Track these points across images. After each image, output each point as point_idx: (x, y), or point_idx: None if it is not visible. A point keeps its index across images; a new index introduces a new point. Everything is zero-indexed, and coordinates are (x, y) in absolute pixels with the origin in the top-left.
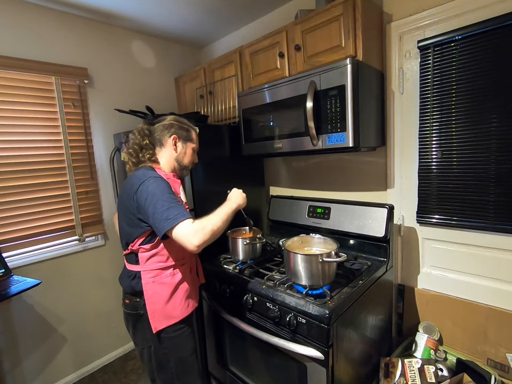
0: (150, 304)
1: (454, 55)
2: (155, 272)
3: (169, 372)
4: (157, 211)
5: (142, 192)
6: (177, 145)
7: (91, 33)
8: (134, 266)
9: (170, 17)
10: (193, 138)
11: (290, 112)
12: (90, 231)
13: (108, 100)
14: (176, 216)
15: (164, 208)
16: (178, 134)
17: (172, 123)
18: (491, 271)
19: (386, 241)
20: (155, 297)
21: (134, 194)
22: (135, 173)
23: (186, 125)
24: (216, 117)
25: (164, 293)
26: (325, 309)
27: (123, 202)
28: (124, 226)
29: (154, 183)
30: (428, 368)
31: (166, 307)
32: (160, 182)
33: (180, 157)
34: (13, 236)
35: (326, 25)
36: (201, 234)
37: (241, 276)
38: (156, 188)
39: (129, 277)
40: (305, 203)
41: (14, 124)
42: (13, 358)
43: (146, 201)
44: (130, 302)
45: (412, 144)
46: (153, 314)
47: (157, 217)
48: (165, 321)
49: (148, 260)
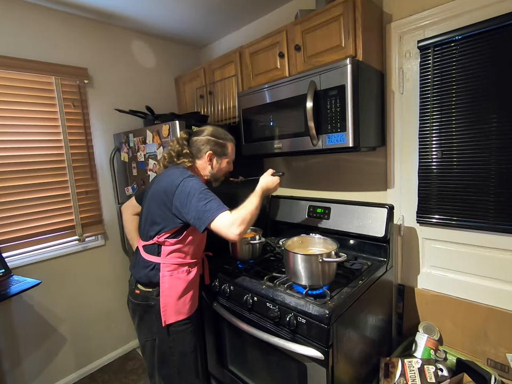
0: (164, 297)
1: (454, 55)
2: (173, 266)
3: (172, 365)
4: (199, 205)
5: (184, 187)
6: (212, 161)
7: (91, 33)
8: (154, 257)
9: (171, 17)
10: (229, 152)
11: (290, 112)
12: (90, 231)
13: (108, 100)
14: (218, 208)
15: (205, 202)
16: (213, 150)
17: (209, 139)
18: (491, 271)
19: (386, 241)
20: (170, 291)
21: (175, 188)
22: (172, 170)
23: (223, 139)
24: (216, 117)
25: (178, 288)
26: (325, 309)
27: (158, 195)
28: (155, 218)
29: (194, 180)
30: (428, 368)
31: (178, 302)
32: (198, 179)
33: (214, 171)
34: (13, 236)
35: (326, 25)
36: (241, 223)
37: (241, 275)
38: (196, 184)
39: (147, 267)
40: (305, 203)
41: (14, 124)
42: (13, 358)
43: (188, 196)
44: (142, 293)
45: (412, 144)
46: (165, 307)
47: (200, 211)
48: (174, 316)
49: (170, 253)
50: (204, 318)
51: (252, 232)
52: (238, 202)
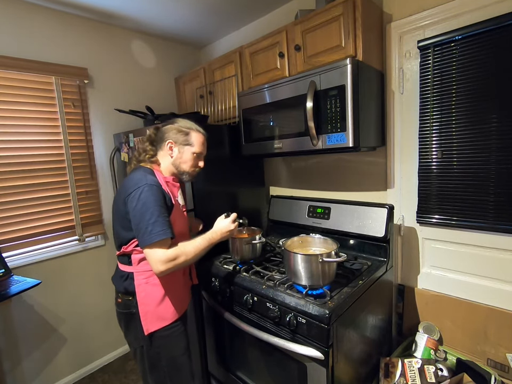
0: (142, 306)
1: (454, 55)
2: (148, 273)
3: (161, 371)
4: (143, 222)
5: (134, 198)
6: (173, 150)
7: (91, 33)
8: (126, 267)
9: (171, 17)
10: (193, 142)
11: (290, 112)
12: (90, 231)
13: (108, 100)
14: (159, 233)
15: (150, 221)
16: (174, 138)
17: (170, 127)
18: (491, 271)
19: (386, 241)
20: (147, 299)
21: (126, 197)
22: (133, 175)
23: (187, 128)
24: (216, 117)
25: (156, 295)
26: (325, 309)
27: (117, 204)
28: (117, 228)
29: (149, 191)
30: (428, 368)
31: (158, 309)
32: (154, 191)
33: (177, 162)
34: (13, 236)
35: (326, 25)
36: (171, 264)
37: (241, 275)
38: (149, 196)
39: (122, 277)
40: (305, 203)
41: (14, 124)
42: (13, 358)
43: (135, 209)
44: (123, 301)
45: (412, 144)
46: (145, 316)
47: (142, 228)
48: (157, 323)
49: (141, 261)
50: (204, 318)
51: (252, 232)
52: (238, 203)
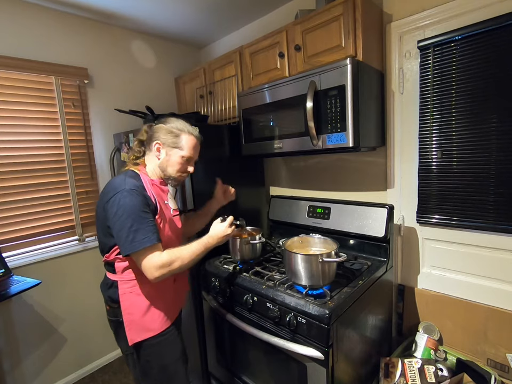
0: (126, 316)
1: (454, 55)
2: (132, 282)
3: (153, 378)
4: (124, 229)
5: (113, 204)
6: (160, 152)
7: (91, 33)
8: (111, 275)
9: (170, 17)
10: (183, 145)
11: (290, 112)
12: (90, 231)
13: (108, 100)
14: (142, 241)
15: (132, 229)
16: (163, 139)
17: (160, 126)
18: (491, 271)
19: (386, 241)
20: (132, 308)
21: (105, 203)
22: (114, 179)
23: (179, 129)
24: (216, 117)
25: (141, 304)
26: (325, 309)
27: (99, 209)
28: (99, 235)
29: (128, 197)
30: (428, 368)
31: (144, 319)
32: (134, 196)
33: (163, 165)
34: (13, 236)
35: (326, 25)
36: (166, 270)
37: (241, 275)
38: (128, 202)
39: (107, 285)
40: (305, 203)
41: (14, 124)
42: (13, 358)
43: (115, 216)
44: (110, 309)
45: (412, 144)
46: (130, 326)
47: (122, 236)
48: (142, 333)
49: (125, 270)
50: (204, 318)
51: (252, 232)
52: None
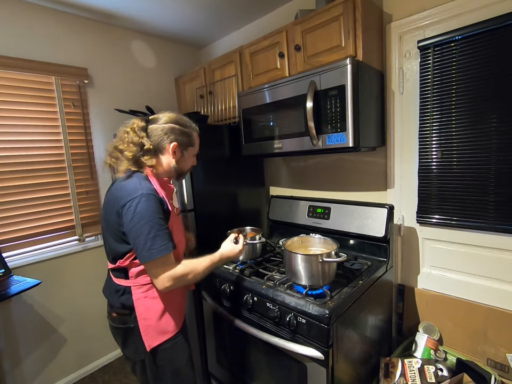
0: (142, 321)
1: (454, 55)
2: (146, 286)
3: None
4: (141, 236)
5: (129, 210)
6: (176, 153)
7: (91, 33)
8: (123, 281)
9: (170, 17)
10: (195, 143)
11: (290, 112)
12: (90, 231)
13: (108, 100)
14: (160, 249)
15: (150, 235)
16: (179, 140)
17: (173, 127)
18: (491, 271)
19: (386, 241)
20: (147, 313)
21: (120, 208)
22: (126, 183)
23: (188, 127)
24: (216, 117)
25: (156, 308)
26: (325, 309)
27: (109, 214)
28: (110, 240)
29: (145, 203)
30: (428, 368)
31: (160, 323)
32: (151, 201)
33: (180, 165)
34: (13, 236)
35: (326, 25)
36: (179, 282)
37: (241, 275)
38: (146, 208)
39: (117, 292)
40: (305, 203)
41: (14, 124)
42: (13, 358)
43: (131, 222)
44: (118, 316)
45: (412, 144)
46: (146, 331)
47: (140, 243)
48: (159, 337)
49: (139, 274)
50: (204, 318)
51: (252, 232)
52: (238, 203)
